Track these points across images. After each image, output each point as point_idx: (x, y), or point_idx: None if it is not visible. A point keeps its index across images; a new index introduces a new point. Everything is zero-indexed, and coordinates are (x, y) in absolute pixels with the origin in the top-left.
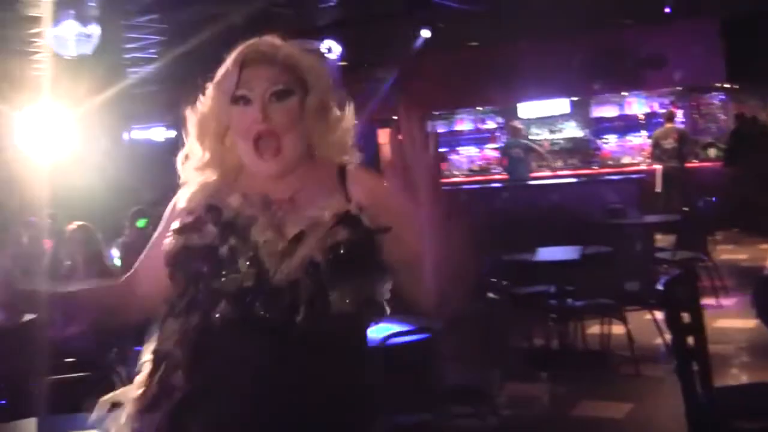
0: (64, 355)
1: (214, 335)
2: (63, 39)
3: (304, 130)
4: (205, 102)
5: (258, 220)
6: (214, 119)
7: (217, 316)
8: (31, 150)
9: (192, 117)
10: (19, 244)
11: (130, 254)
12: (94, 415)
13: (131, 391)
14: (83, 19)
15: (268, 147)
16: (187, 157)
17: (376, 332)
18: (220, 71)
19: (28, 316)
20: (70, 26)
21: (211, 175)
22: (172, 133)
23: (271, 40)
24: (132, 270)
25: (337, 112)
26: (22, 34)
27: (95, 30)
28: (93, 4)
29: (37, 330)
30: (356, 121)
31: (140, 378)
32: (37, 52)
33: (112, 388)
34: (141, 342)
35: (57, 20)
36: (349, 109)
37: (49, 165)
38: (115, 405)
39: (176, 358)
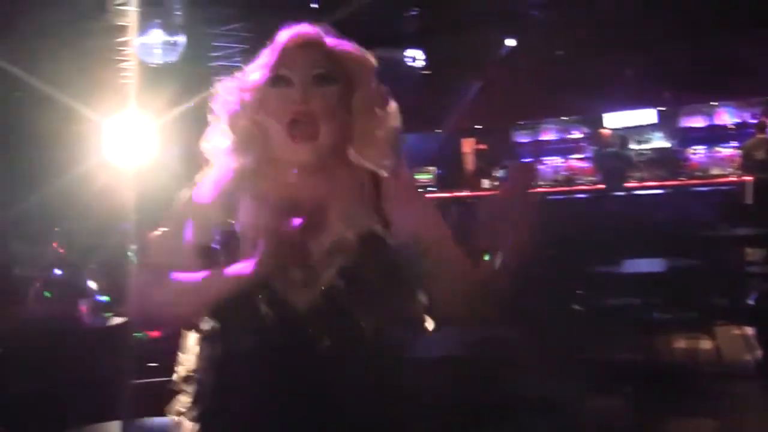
0: (149, 358)
1: (237, 366)
2: (149, 47)
3: (342, 122)
4: (239, 80)
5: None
6: (248, 100)
7: (239, 347)
8: (118, 157)
9: (223, 94)
10: (107, 249)
11: None
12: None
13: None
14: (169, 28)
15: (305, 131)
16: (213, 138)
17: (455, 341)
18: (261, 53)
19: (116, 319)
20: (157, 35)
21: (237, 161)
22: None
23: (317, 27)
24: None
25: (382, 110)
26: (110, 43)
27: (181, 38)
28: (179, 13)
29: (124, 332)
30: (440, 130)
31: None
32: (123, 61)
33: None
34: None
35: (144, 29)
36: (393, 108)
37: (135, 172)
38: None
39: (204, 384)
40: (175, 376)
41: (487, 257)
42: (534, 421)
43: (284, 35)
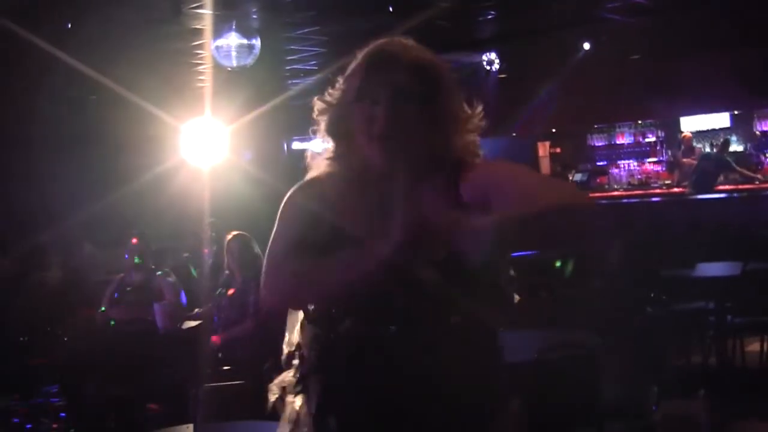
0: (221, 363)
1: (341, 346)
2: (225, 50)
3: (428, 132)
4: (333, 95)
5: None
6: (341, 113)
7: (342, 330)
8: (194, 160)
9: (321, 108)
10: (181, 252)
11: None
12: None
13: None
14: (245, 32)
15: (389, 145)
16: (316, 148)
17: (534, 346)
18: (350, 67)
19: (188, 324)
20: (232, 38)
21: (336, 167)
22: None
23: (400, 41)
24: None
25: (465, 114)
26: (185, 47)
27: (256, 42)
28: (255, 17)
29: (198, 336)
30: (515, 134)
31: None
32: (199, 64)
33: (267, 396)
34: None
35: (219, 32)
36: (478, 110)
37: (210, 175)
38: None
39: (311, 361)
40: (284, 353)
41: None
42: (609, 424)
43: (368, 53)
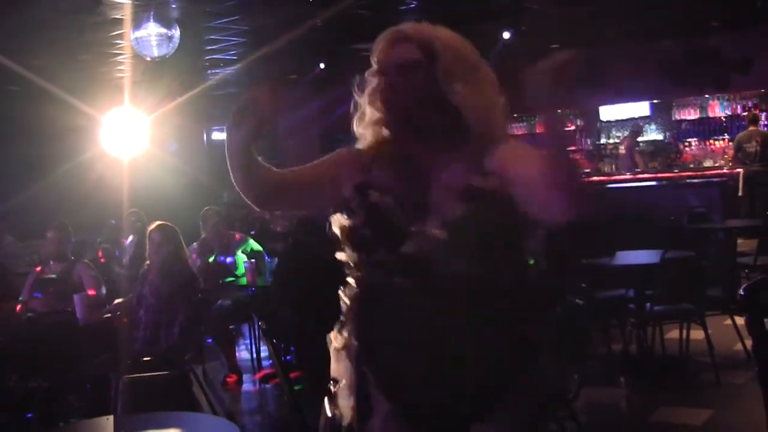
0: (143, 353)
1: (368, 299)
2: (144, 41)
3: (437, 98)
4: (371, 70)
5: (396, 203)
6: (375, 85)
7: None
8: (114, 151)
9: (364, 81)
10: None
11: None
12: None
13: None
14: (164, 22)
15: (407, 116)
16: (362, 116)
17: None
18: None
19: (110, 315)
20: (152, 28)
21: (380, 131)
22: None
23: (414, 23)
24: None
25: (473, 78)
26: (105, 37)
27: (176, 32)
28: (174, 7)
29: (118, 328)
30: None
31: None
32: (119, 54)
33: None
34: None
35: (139, 22)
36: (484, 75)
37: (131, 165)
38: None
39: (348, 317)
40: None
41: None
42: None
43: (387, 32)
